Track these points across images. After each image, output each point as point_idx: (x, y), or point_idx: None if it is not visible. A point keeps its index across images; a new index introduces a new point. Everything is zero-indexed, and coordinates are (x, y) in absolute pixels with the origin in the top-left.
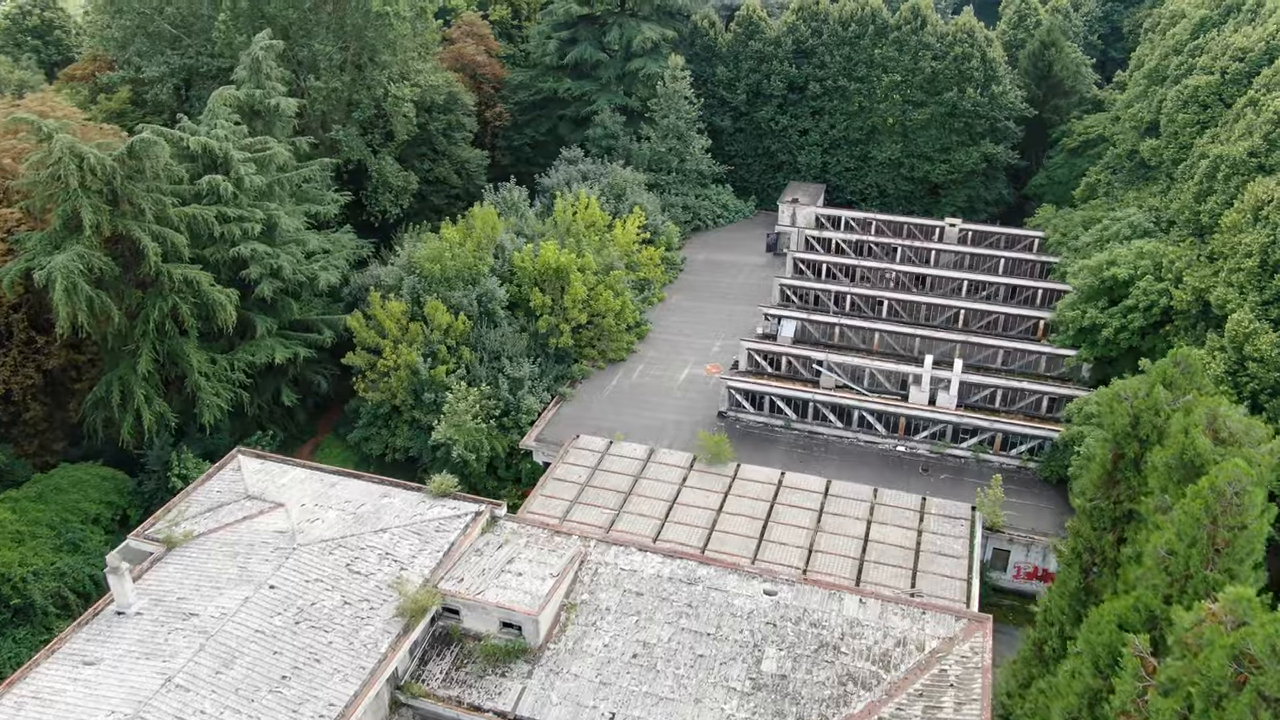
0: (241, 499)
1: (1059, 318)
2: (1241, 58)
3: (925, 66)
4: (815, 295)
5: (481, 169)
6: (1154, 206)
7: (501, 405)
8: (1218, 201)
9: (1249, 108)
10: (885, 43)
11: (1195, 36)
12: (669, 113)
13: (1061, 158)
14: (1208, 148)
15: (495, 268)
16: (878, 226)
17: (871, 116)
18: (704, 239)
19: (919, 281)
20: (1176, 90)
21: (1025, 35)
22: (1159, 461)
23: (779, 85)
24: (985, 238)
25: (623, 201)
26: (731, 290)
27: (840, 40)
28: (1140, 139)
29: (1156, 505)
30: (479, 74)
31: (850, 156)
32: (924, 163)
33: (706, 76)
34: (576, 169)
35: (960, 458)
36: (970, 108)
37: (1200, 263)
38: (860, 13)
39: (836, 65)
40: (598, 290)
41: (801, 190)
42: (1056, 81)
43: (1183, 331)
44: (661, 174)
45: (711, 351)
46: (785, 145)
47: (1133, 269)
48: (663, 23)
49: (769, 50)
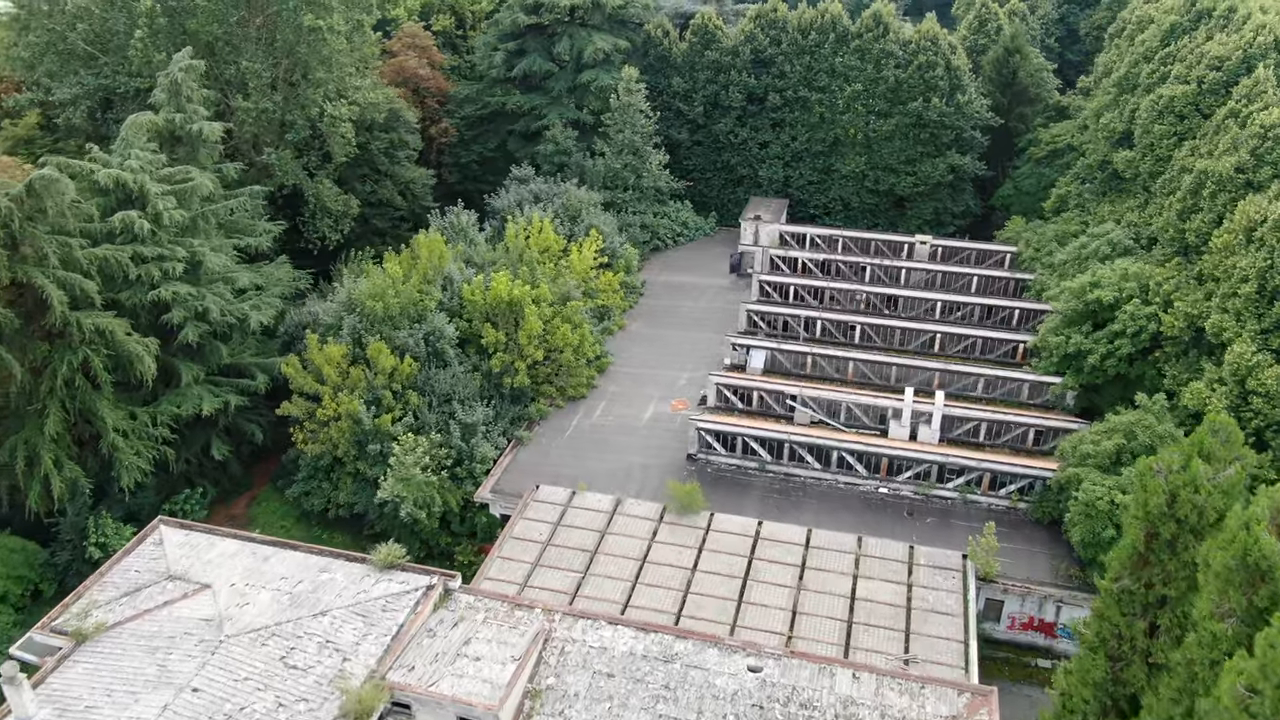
0: (163, 580)
1: (1041, 343)
2: (1218, 66)
3: (888, 75)
4: (784, 321)
5: (427, 189)
6: (1133, 222)
7: (453, 454)
8: (1204, 220)
9: (1230, 119)
10: (846, 51)
11: (1166, 43)
12: (624, 127)
13: (1028, 167)
14: (1188, 161)
15: (443, 302)
16: (844, 244)
17: (834, 128)
18: (664, 259)
19: (890, 303)
20: (1150, 100)
21: (987, 40)
22: (1214, 560)
23: (737, 96)
24: (955, 253)
25: (578, 223)
26: (695, 315)
27: (800, 49)
28: (1112, 149)
29: (1215, 611)
30: (422, 88)
31: (813, 169)
32: (889, 175)
33: (661, 88)
34: (528, 189)
35: (946, 499)
36: (936, 118)
37: (1190, 285)
38: (820, 20)
39: (796, 75)
40: (554, 324)
41: (763, 206)
42: (1021, 89)
43: (1174, 359)
44: (617, 191)
45: (677, 385)
46: (745, 159)
47: (1117, 291)
48: (615, 33)
49: (726, 60)
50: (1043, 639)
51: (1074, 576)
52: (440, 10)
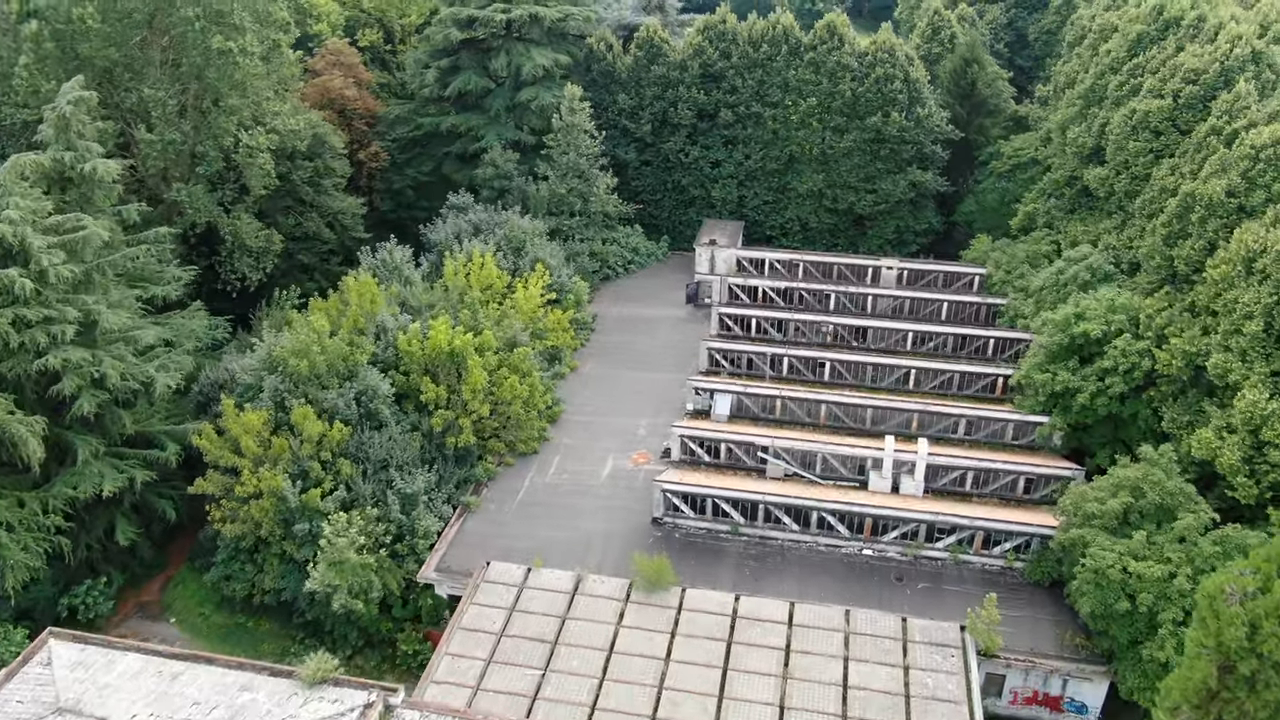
0: (50, 714)
1: (1025, 379)
2: (1194, 80)
3: (845, 89)
4: (748, 358)
5: (358, 218)
6: (1112, 245)
7: (393, 529)
8: (1195, 247)
9: (1212, 137)
10: (800, 64)
11: (1134, 54)
12: (568, 149)
13: (990, 182)
14: (1169, 181)
15: (377, 354)
16: (805, 268)
17: (789, 145)
18: (616, 289)
19: (859, 334)
20: (1122, 115)
21: (940, 49)
22: None
23: (687, 113)
24: (922, 277)
25: (522, 256)
26: (652, 353)
27: (751, 62)
28: (1082, 165)
29: None
30: (349, 109)
31: (768, 189)
32: (848, 193)
33: (606, 105)
34: (466, 220)
35: (937, 560)
36: (895, 133)
37: (1185, 319)
38: (771, 32)
39: (749, 90)
40: (501, 375)
41: (718, 229)
42: (980, 100)
43: (1171, 399)
44: (563, 218)
45: (637, 435)
46: (697, 178)
47: (1105, 324)
48: (555, 47)
49: (674, 75)
50: (1048, 714)
51: (1081, 646)
52: (367, 24)
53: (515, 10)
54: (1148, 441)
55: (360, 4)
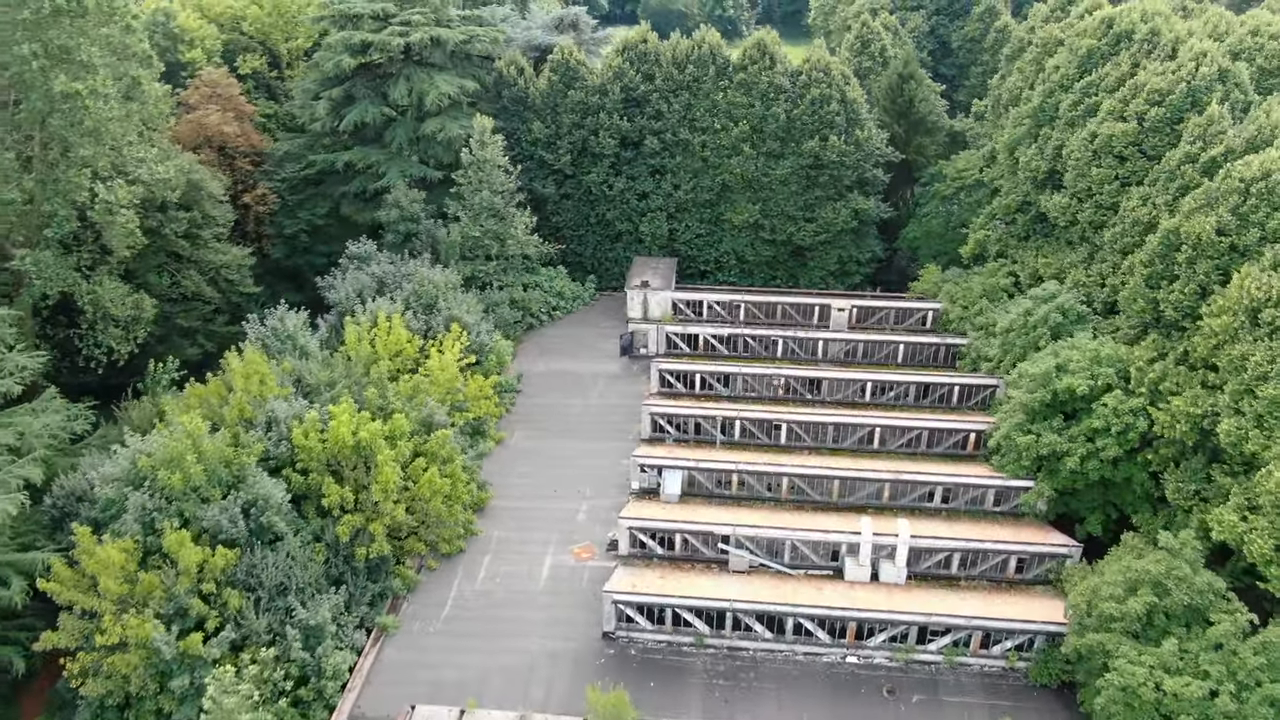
0: None
1: (1005, 441)
2: (1159, 101)
3: (778, 112)
4: (695, 422)
5: (245, 271)
6: (1081, 282)
7: (295, 671)
8: (1185, 291)
9: (1187, 165)
10: (730, 86)
11: (1085, 70)
12: (480, 186)
13: (934, 205)
14: (1142, 213)
15: (269, 451)
16: (748, 310)
17: (721, 173)
18: (541, 340)
19: (812, 386)
20: (1082, 139)
21: (870, 63)
22: None
23: (609, 141)
24: (873, 314)
25: (435, 314)
26: (587, 417)
27: (677, 85)
28: (1036, 190)
29: None
30: (230, 147)
31: (700, 221)
32: (786, 223)
33: (520, 134)
34: (369, 274)
35: (930, 664)
36: (835, 158)
37: (1182, 374)
38: (697, 52)
39: (675, 115)
40: (417, 467)
41: (649, 268)
42: (919, 118)
43: (1172, 464)
44: (478, 263)
45: (576, 521)
46: (623, 212)
47: (1091, 379)
48: (460, 72)
49: (594, 101)
50: None
51: None
52: (248, 49)
53: (414, 33)
54: (1144, 508)
55: (239, 26)
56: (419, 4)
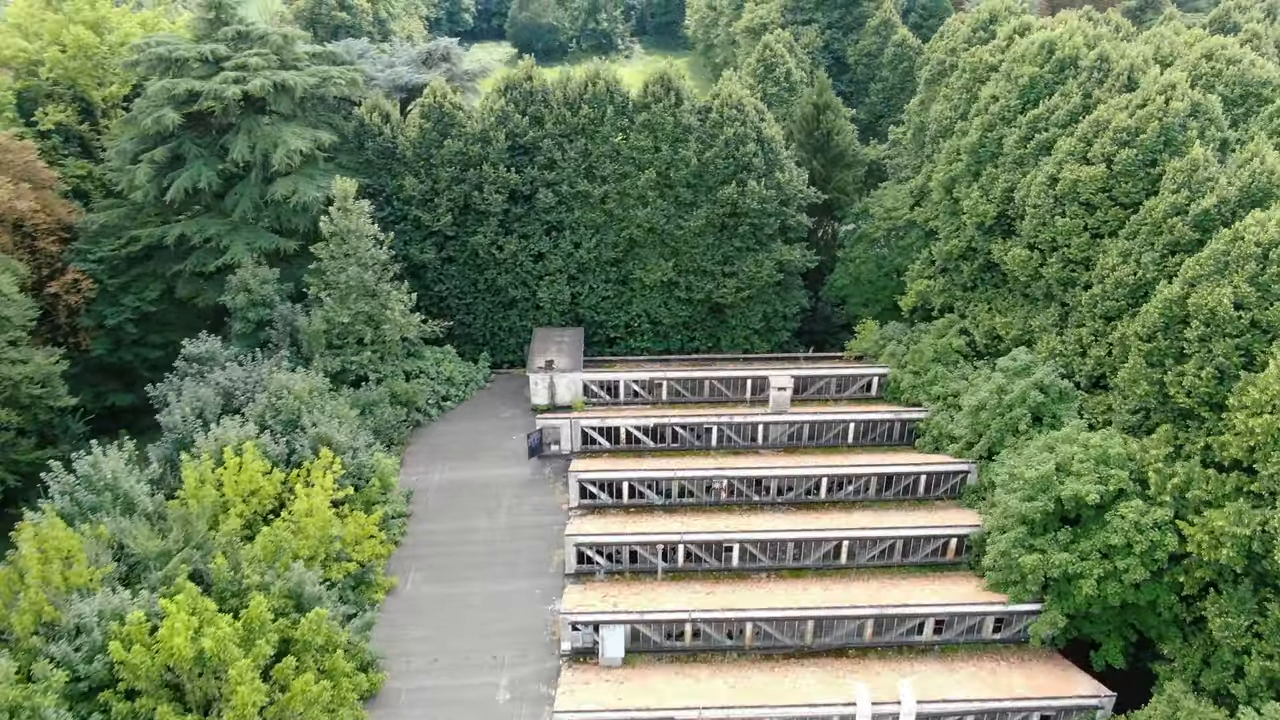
0: None
1: (1003, 559)
2: (1129, 141)
3: (689, 156)
4: (630, 551)
5: (55, 379)
6: (1057, 350)
7: None
8: (1203, 375)
9: (1176, 219)
10: (632, 128)
11: (1027, 101)
12: (347, 262)
13: (862, 249)
14: (1125, 273)
15: (76, 670)
16: (671, 389)
17: (628, 227)
18: (432, 440)
19: (760, 487)
20: (1039, 183)
21: (778, 89)
22: None
23: (496, 197)
24: (812, 383)
25: (299, 433)
26: (496, 545)
27: (571, 129)
28: (984, 237)
29: None
30: (26, 226)
31: (607, 282)
32: (704, 280)
33: (390, 192)
34: (213, 384)
35: None
36: (756, 205)
37: (1212, 478)
38: (590, 90)
39: (571, 163)
40: (285, 668)
41: (553, 343)
42: (838, 152)
43: (1215, 591)
44: (349, 352)
45: (497, 705)
46: (517, 276)
47: (1101, 484)
48: (314, 121)
49: (475, 150)
50: None
51: None
52: (51, 97)
53: (254, 79)
54: (1173, 633)
55: (37, 70)
56: (257, 44)
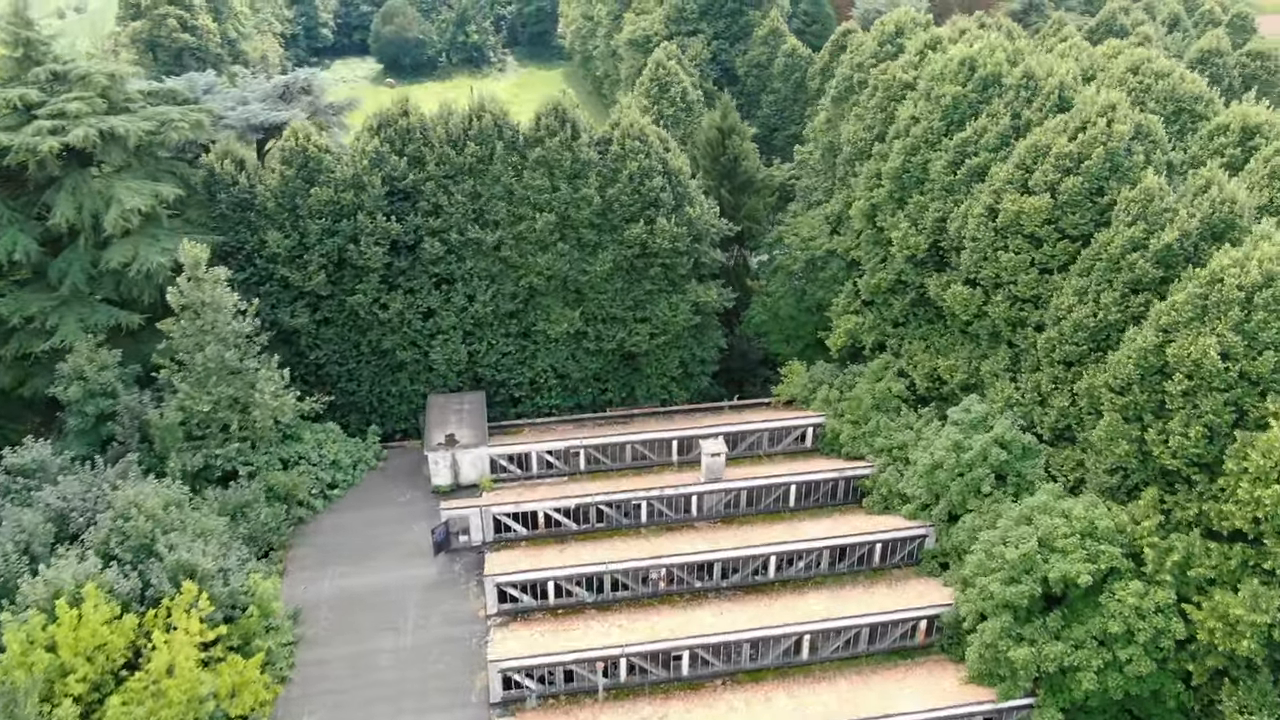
0: None
1: (989, 652)
2: (1072, 169)
3: (590, 194)
4: (565, 671)
5: None
6: (1013, 399)
7: None
8: (1190, 435)
9: (1137, 253)
10: (526, 165)
11: (950, 123)
12: (204, 339)
13: (779, 282)
14: (1084, 315)
15: None
16: (591, 456)
17: (527, 275)
18: (318, 538)
19: (703, 572)
20: (977, 215)
21: (675, 109)
22: None
23: (376, 250)
24: (744, 439)
25: (153, 562)
26: (403, 671)
27: (457, 169)
28: (916, 270)
29: None
30: None
31: (507, 336)
32: (614, 328)
33: (251, 250)
34: (41, 511)
35: None
36: (667, 244)
37: (1215, 553)
38: (475, 125)
39: (460, 208)
40: None
41: (451, 413)
42: (746, 179)
43: (1229, 680)
44: (212, 446)
45: None
46: (405, 337)
47: (1089, 561)
48: (153, 173)
49: (348, 198)
50: None
51: None
52: None
53: (75, 128)
54: None
55: None
56: (78, 85)
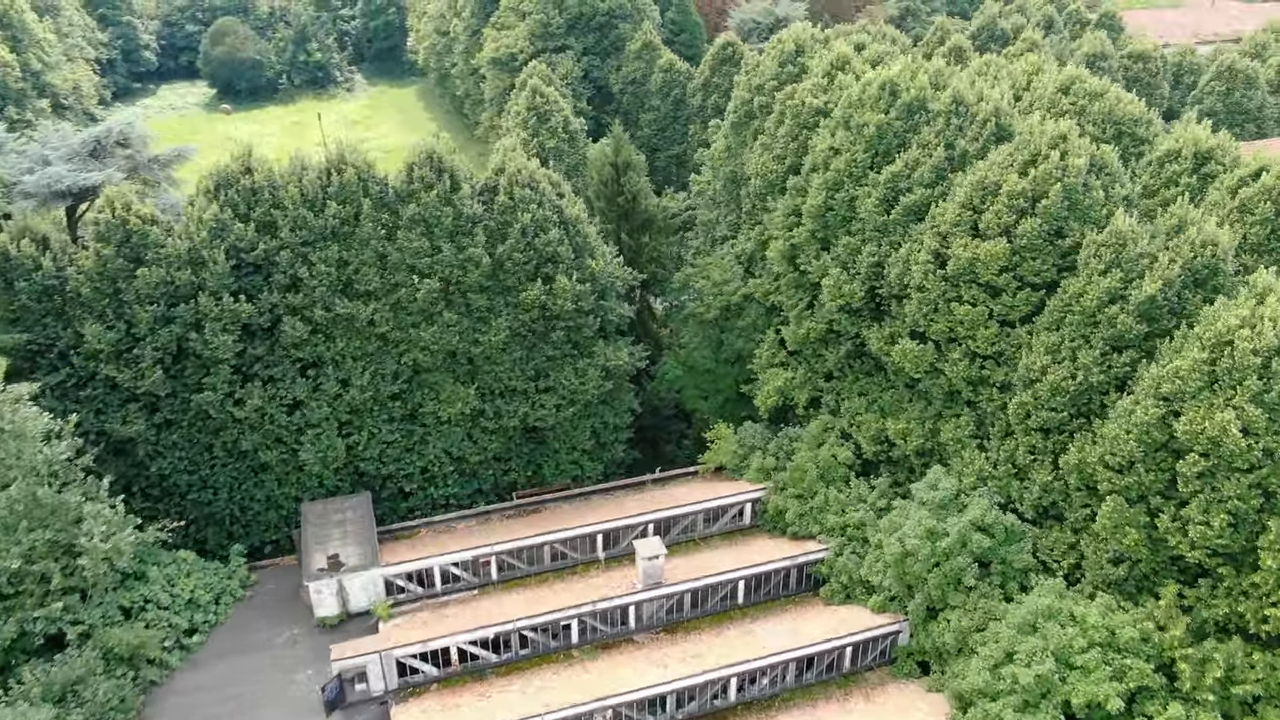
0: None
1: None
2: (1027, 210)
3: (478, 254)
4: None
5: None
6: (987, 474)
7: None
8: (1211, 524)
9: (1115, 308)
10: (399, 225)
11: (875, 155)
12: (8, 477)
13: (693, 332)
14: (1059, 375)
15: None
16: (503, 563)
17: (410, 351)
18: (178, 703)
19: (655, 707)
20: (923, 262)
21: (557, 141)
22: None
23: (224, 338)
24: (677, 524)
25: None
26: None
27: (317, 234)
28: (852, 320)
29: None
30: None
31: (391, 422)
32: (515, 402)
33: (64, 347)
34: None
35: None
36: (570, 305)
37: (1261, 665)
38: (335, 181)
39: (324, 279)
40: None
41: (332, 523)
42: (645, 219)
43: None
44: (28, 607)
45: None
46: (268, 435)
47: (1116, 679)
48: None
49: (184, 278)
50: None
51: None
52: None
53: None
54: None
55: None
56: None
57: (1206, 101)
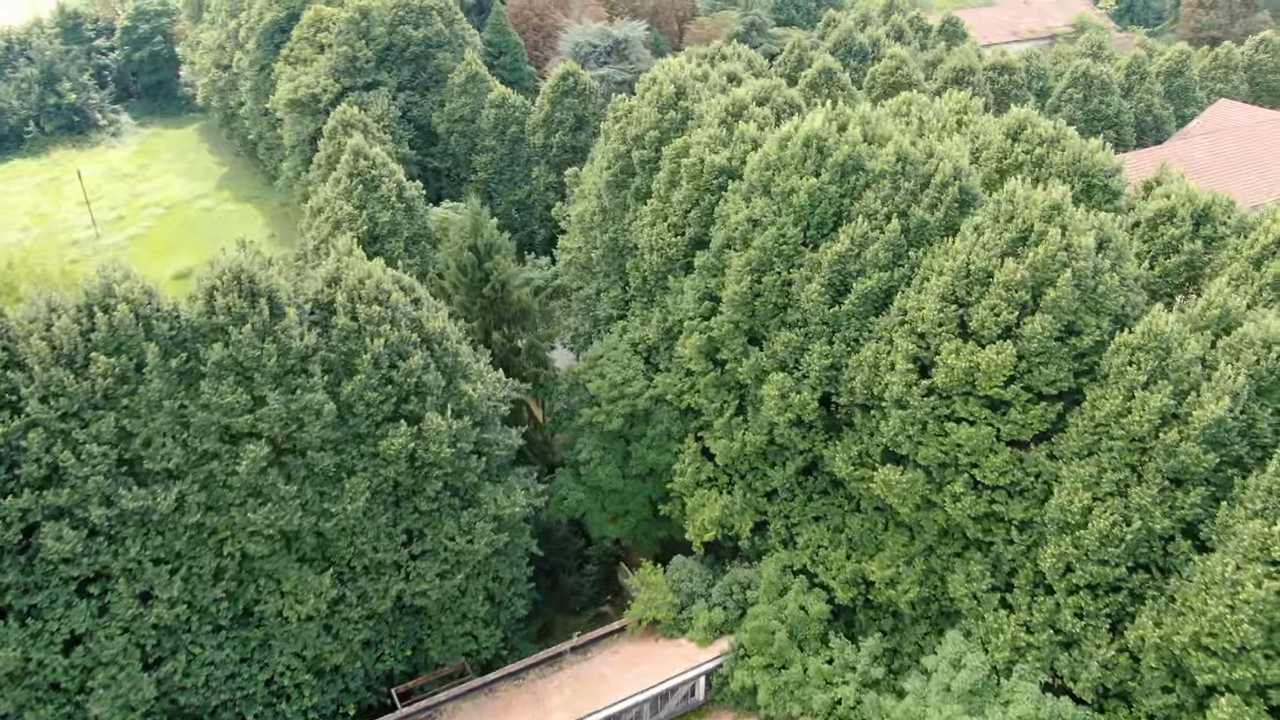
0: None
1: None
2: (1033, 302)
3: (317, 401)
4: None
5: None
6: (1024, 643)
7: None
8: None
9: (1171, 432)
10: (203, 373)
11: (810, 228)
12: None
13: (593, 445)
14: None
15: None
16: None
17: (235, 537)
18: None
19: None
20: (904, 371)
21: (391, 213)
22: None
23: None
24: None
25: None
26: None
27: (80, 401)
28: (803, 435)
29: None
30: None
31: (215, 633)
32: (384, 579)
33: None
34: None
35: None
36: (447, 449)
37: None
38: (103, 323)
39: (99, 461)
40: None
41: None
42: (517, 312)
43: None
44: None
45: None
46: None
47: None
48: None
49: None
50: None
51: None
52: None
53: None
54: None
55: None
56: None
57: (1065, 109)
